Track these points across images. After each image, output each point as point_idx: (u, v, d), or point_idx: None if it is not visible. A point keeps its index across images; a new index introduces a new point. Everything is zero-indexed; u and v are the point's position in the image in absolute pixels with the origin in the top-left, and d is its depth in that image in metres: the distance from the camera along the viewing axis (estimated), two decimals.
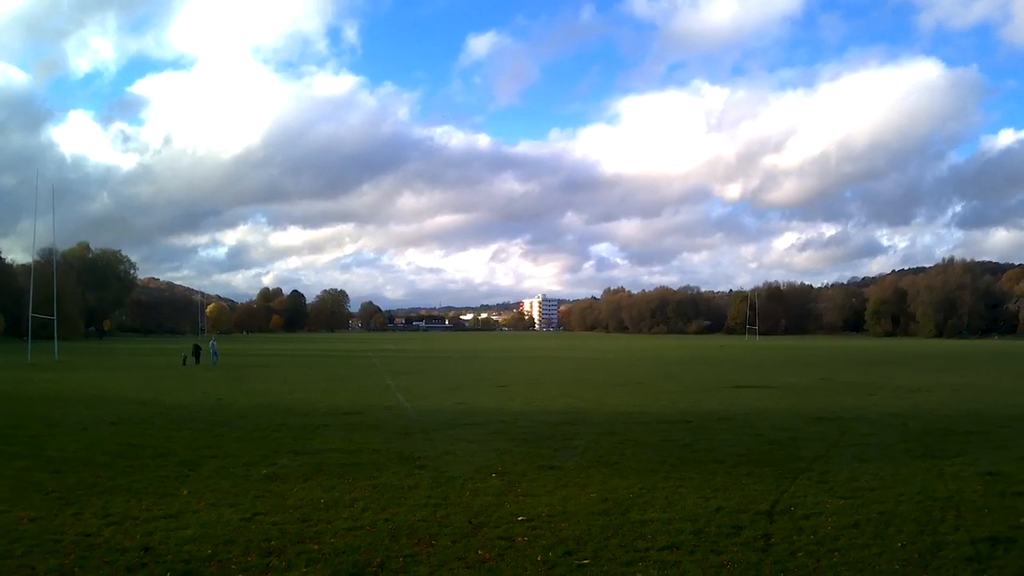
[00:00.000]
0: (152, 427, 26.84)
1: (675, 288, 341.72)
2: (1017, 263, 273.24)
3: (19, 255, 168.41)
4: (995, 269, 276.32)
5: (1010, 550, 12.77)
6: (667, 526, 13.59)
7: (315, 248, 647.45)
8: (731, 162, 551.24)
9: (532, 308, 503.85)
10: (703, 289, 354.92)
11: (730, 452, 21.70)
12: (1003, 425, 27.09)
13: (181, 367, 68.30)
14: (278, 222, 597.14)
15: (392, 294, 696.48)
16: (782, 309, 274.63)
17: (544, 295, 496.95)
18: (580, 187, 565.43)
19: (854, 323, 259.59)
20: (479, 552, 12.06)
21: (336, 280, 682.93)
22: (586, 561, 11.61)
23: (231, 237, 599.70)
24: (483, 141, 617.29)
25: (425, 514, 14.38)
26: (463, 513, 14.53)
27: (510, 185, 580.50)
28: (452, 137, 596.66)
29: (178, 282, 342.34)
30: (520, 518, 14.07)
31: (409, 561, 11.64)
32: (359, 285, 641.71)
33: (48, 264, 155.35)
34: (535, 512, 14.56)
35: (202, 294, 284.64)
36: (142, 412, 31.30)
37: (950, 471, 19.33)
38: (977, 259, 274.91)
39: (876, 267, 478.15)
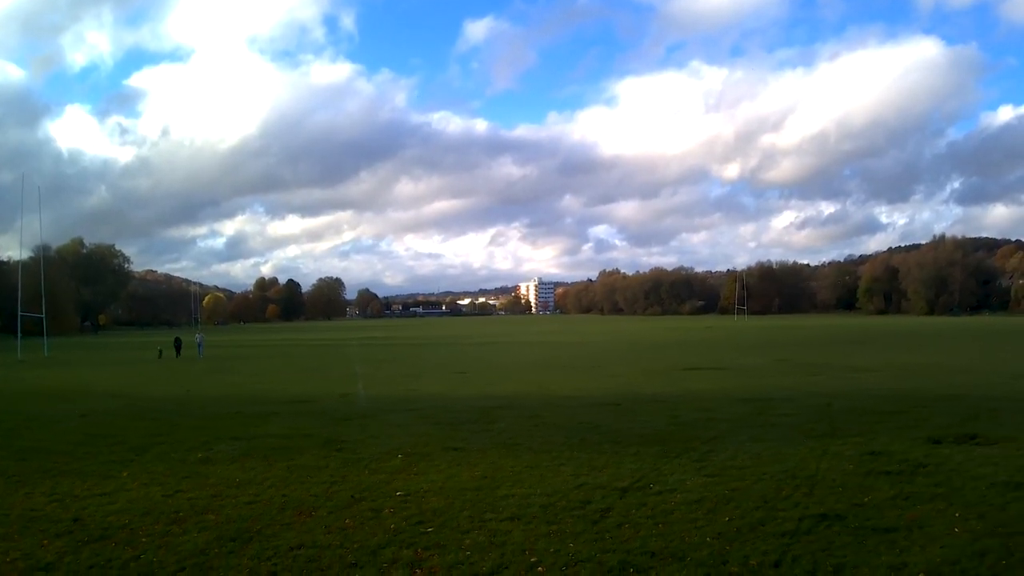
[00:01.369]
0: (116, 418, 27.99)
1: (670, 269, 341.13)
2: (1015, 239, 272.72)
3: (17, 252, 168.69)
4: (993, 245, 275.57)
5: (817, 527, 13.34)
6: (523, 500, 14.25)
7: (314, 236, 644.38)
8: (729, 142, 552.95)
9: (528, 292, 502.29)
10: (701, 269, 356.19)
11: (635, 433, 22.10)
12: (926, 405, 27.26)
13: (157, 360, 69.60)
14: (276, 211, 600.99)
15: (391, 280, 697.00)
16: (775, 288, 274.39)
17: (540, 278, 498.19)
18: (578, 170, 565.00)
19: (847, 301, 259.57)
20: (346, 522, 13.07)
21: (335, 267, 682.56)
22: (430, 530, 12.50)
23: (229, 227, 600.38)
24: (480, 126, 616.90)
25: (319, 490, 15.44)
26: (351, 489, 15.50)
27: (508, 169, 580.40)
28: (449, 122, 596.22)
29: (177, 273, 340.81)
30: (399, 493, 15.00)
31: (283, 528, 12.81)
32: (358, 272, 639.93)
33: (46, 262, 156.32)
34: (414, 488, 15.43)
35: (200, 285, 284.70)
36: (112, 405, 32.46)
37: (835, 450, 19.92)
38: (975, 236, 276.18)
39: (875, 244, 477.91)
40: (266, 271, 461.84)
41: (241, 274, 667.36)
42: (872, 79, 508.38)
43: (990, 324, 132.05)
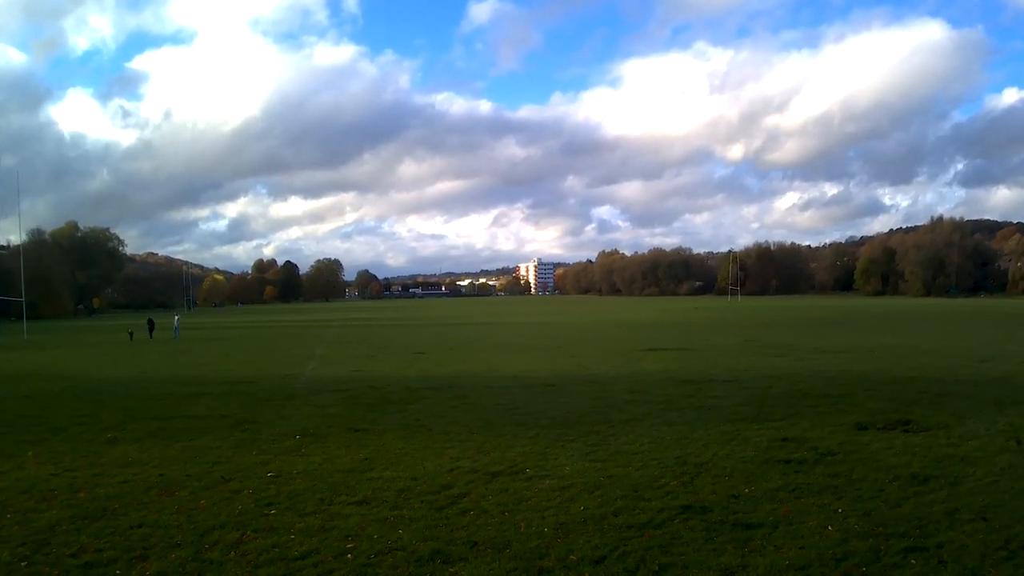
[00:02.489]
0: (54, 399, 28.12)
1: (670, 249, 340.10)
2: (1017, 221, 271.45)
3: (14, 236, 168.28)
4: (993, 227, 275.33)
5: (672, 521, 12.29)
6: (386, 484, 14.32)
7: (316, 218, 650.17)
8: (733, 123, 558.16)
9: (528, 272, 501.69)
10: (704, 251, 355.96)
11: (547, 416, 22.04)
12: (873, 388, 26.40)
13: (128, 342, 68.51)
14: (278, 193, 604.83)
15: (393, 261, 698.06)
16: (773, 269, 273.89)
17: (540, 259, 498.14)
18: (581, 150, 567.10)
19: (845, 282, 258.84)
20: (200, 503, 13.20)
21: (337, 249, 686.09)
22: (273, 512, 12.62)
23: (232, 209, 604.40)
24: (484, 107, 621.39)
25: (197, 470, 15.70)
26: (228, 470, 15.71)
27: (511, 150, 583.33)
28: (453, 104, 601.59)
29: (179, 256, 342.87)
30: (270, 474, 15.21)
31: (137, 508, 13.06)
32: (360, 253, 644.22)
33: (39, 246, 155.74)
34: (288, 470, 15.64)
35: (201, 267, 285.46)
36: (58, 387, 32.42)
37: (747, 435, 18.91)
38: (978, 218, 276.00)
39: (877, 226, 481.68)
40: (268, 253, 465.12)
41: (243, 256, 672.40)
42: (877, 61, 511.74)
43: (983, 306, 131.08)
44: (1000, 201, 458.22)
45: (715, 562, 10.38)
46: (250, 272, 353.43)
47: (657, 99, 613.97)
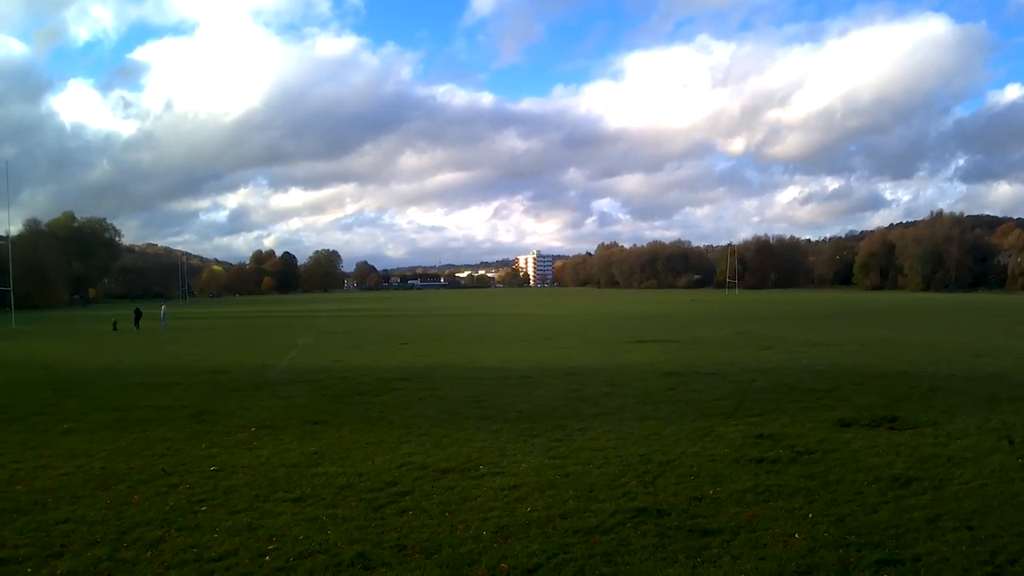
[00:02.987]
0: (26, 388, 27.62)
1: (669, 242, 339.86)
2: (1018, 217, 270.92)
3: (16, 227, 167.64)
4: (994, 223, 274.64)
5: (623, 526, 11.25)
6: (328, 480, 13.73)
7: (316, 209, 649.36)
8: (735, 116, 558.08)
9: (527, 264, 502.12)
10: (704, 244, 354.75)
11: (515, 409, 21.40)
12: (862, 382, 25.36)
13: (112, 332, 67.70)
14: (279, 184, 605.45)
15: (393, 253, 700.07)
16: (771, 263, 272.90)
17: (539, 251, 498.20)
18: (583, 143, 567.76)
19: (844, 276, 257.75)
20: (133, 498, 12.70)
21: (337, 240, 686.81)
22: (203, 509, 12.05)
23: (232, 200, 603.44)
24: (486, 99, 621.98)
25: (141, 463, 15.17)
26: (172, 463, 15.17)
27: (512, 142, 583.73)
28: (455, 95, 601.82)
29: (179, 247, 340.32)
30: (212, 468, 14.65)
31: (69, 502, 12.61)
32: (360, 245, 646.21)
33: (34, 236, 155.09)
34: (232, 464, 15.07)
35: (201, 258, 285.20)
36: (32, 376, 32.08)
37: (722, 431, 17.88)
38: (978, 213, 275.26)
39: (878, 220, 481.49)
40: (269, 244, 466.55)
41: (244, 247, 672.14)
42: (880, 56, 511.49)
43: (981, 301, 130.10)
44: (1001, 197, 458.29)
45: (662, 573, 9.40)
46: (248, 263, 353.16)
47: (659, 92, 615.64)
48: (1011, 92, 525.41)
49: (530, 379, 27.52)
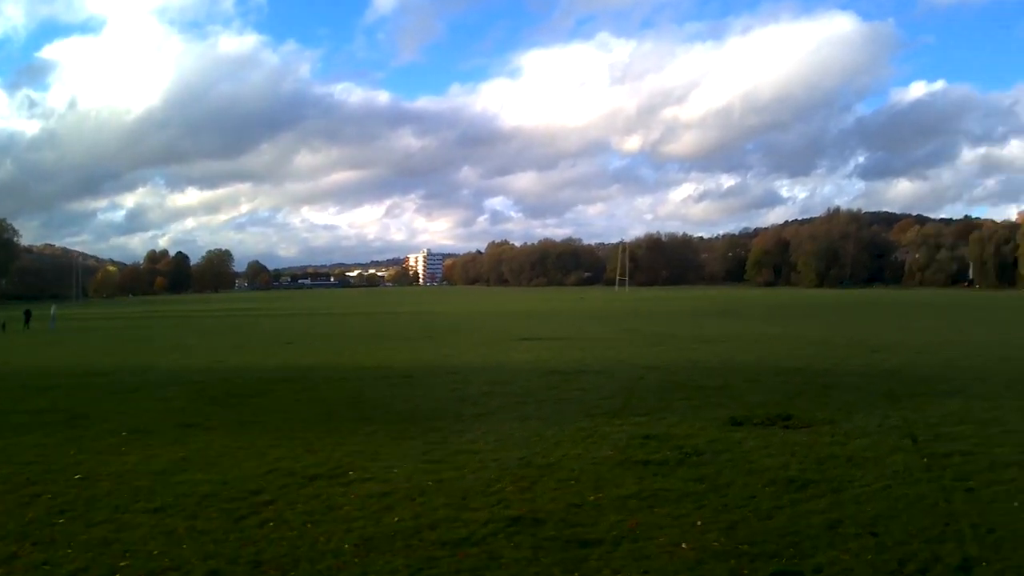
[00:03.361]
0: None
1: (560, 240, 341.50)
2: (917, 214, 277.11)
3: None
4: (892, 220, 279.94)
5: (495, 536, 10.50)
6: (192, 488, 13.02)
7: (211, 209, 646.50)
8: (632, 115, 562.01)
9: (417, 263, 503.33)
10: (596, 242, 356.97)
11: (393, 410, 20.86)
12: (755, 379, 25.16)
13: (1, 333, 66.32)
14: (176, 183, 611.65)
15: (285, 252, 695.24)
16: (663, 260, 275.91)
17: (429, 249, 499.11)
18: (477, 141, 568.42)
19: (737, 274, 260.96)
20: None
21: (231, 240, 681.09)
22: (62, 521, 11.37)
23: (130, 200, 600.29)
24: (382, 97, 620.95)
25: (8, 471, 14.40)
26: (35, 471, 14.41)
27: (407, 140, 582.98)
28: (352, 94, 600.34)
29: (77, 247, 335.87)
30: (77, 476, 13.92)
31: None
32: (253, 244, 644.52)
33: None
34: (101, 471, 14.31)
35: (96, 259, 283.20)
36: None
37: (606, 432, 17.23)
38: (876, 210, 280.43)
39: (773, 217, 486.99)
40: (164, 244, 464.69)
41: (140, 247, 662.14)
42: (782, 54, 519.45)
43: (877, 296, 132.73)
44: (900, 194, 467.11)
45: None
46: (142, 263, 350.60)
47: (556, 90, 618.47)
48: (915, 89, 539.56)
49: (411, 379, 26.95)
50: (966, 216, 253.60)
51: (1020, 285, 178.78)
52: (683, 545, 9.90)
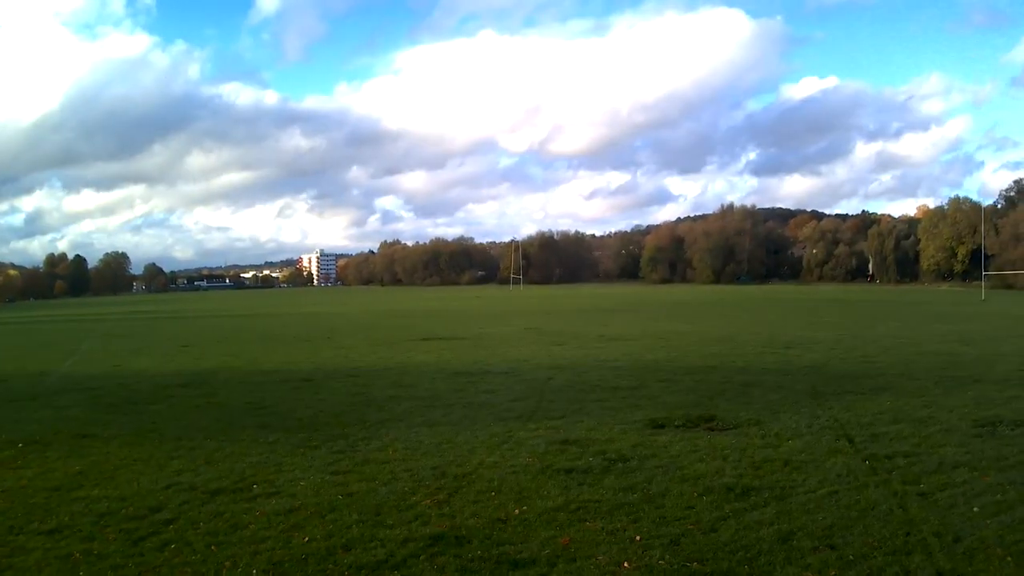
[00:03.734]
0: None
1: (451, 239, 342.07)
2: (811, 209, 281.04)
3: None
4: (787, 216, 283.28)
5: (416, 558, 9.81)
6: (90, 505, 12.30)
7: (107, 211, 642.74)
8: (518, 113, 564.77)
9: (311, 264, 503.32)
10: (487, 240, 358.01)
11: (295, 416, 19.93)
12: (668, 379, 24.67)
13: None
14: (72, 186, 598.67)
15: (181, 254, 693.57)
16: (556, 258, 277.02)
17: (322, 250, 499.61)
18: (365, 141, 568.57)
19: (631, 271, 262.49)
20: None
21: (127, 242, 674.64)
22: None
23: (28, 203, 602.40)
24: (270, 98, 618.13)
25: None
26: None
27: (297, 141, 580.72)
28: (240, 94, 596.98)
29: None
30: None
31: None
32: (150, 247, 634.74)
33: None
34: None
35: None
36: None
37: (522, 437, 16.53)
38: (770, 206, 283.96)
39: (665, 215, 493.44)
40: (62, 247, 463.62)
41: (39, 251, 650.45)
42: (669, 50, 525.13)
43: (776, 292, 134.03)
44: (794, 189, 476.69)
45: None
46: (42, 267, 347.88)
47: (441, 89, 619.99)
48: (806, 85, 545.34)
49: (311, 382, 26.28)
50: (863, 211, 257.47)
51: (922, 279, 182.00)
52: (625, 564, 9.23)
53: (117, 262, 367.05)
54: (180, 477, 13.80)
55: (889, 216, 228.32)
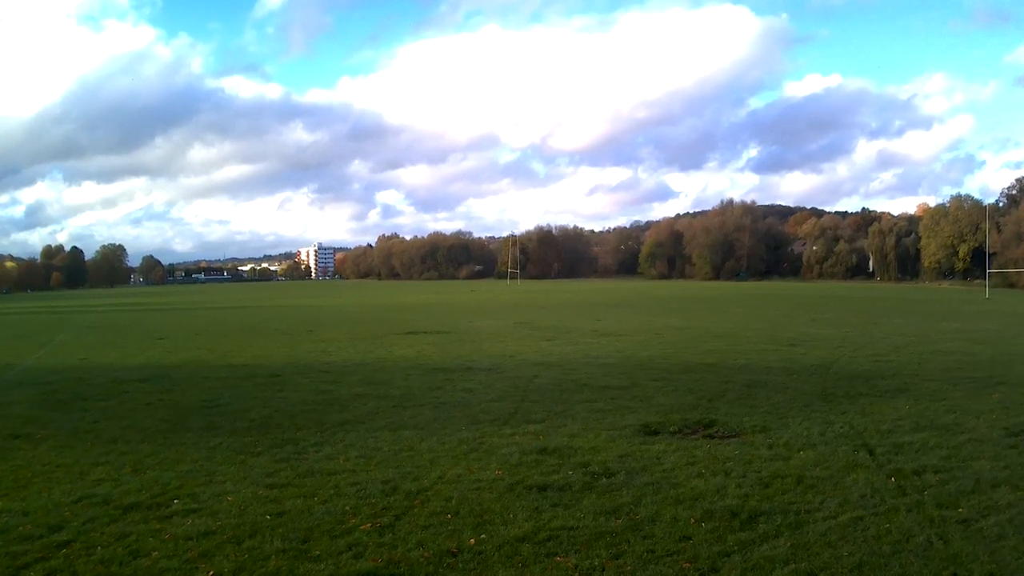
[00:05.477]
0: None
1: (450, 234, 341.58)
2: (811, 207, 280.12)
3: None
4: (787, 213, 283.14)
5: None
6: None
7: (108, 203, 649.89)
8: (522, 108, 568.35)
9: (308, 257, 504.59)
10: (487, 235, 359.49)
11: (248, 416, 18.26)
12: (663, 377, 22.90)
13: None
14: (73, 178, 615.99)
15: (181, 247, 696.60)
16: (554, 253, 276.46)
17: (320, 244, 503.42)
18: (367, 135, 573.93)
19: (630, 266, 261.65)
20: None
21: (127, 235, 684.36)
22: None
23: (29, 195, 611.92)
24: (273, 91, 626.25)
25: None
26: None
27: (299, 134, 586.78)
28: (243, 88, 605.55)
29: None
30: None
31: None
32: (149, 239, 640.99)
33: None
34: None
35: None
36: None
37: (496, 444, 14.68)
38: (770, 203, 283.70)
39: (665, 211, 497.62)
40: (62, 239, 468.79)
41: (39, 243, 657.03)
42: (673, 47, 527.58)
43: (776, 289, 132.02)
44: (795, 186, 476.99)
45: None
46: (39, 258, 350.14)
47: (445, 83, 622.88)
48: (810, 83, 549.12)
49: (279, 378, 24.73)
50: (863, 208, 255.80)
51: (922, 277, 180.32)
52: None
53: (114, 254, 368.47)
54: (97, 488, 12.23)
55: (889, 214, 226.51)
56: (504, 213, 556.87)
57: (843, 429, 15.37)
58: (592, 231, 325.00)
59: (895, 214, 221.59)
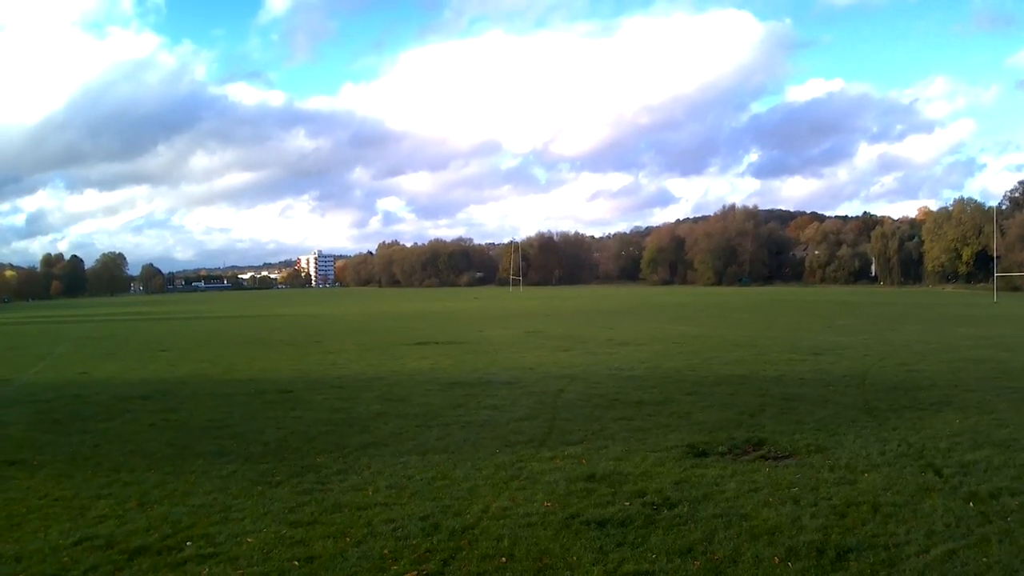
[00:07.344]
0: None
1: (451, 240, 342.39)
2: (812, 211, 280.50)
3: None
4: (788, 217, 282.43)
5: None
6: None
7: (110, 211, 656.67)
8: (523, 114, 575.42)
9: (309, 265, 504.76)
10: (488, 242, 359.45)
11: (260, 440, 16.95)
12: (695, 391, 21.82)
13: None
14: (75, 186, 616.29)
15: (181, 255, 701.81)
16: (556, 259, 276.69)
17: (321, 251, 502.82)
18: (369, 141, 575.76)
19: (631, 272, 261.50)
20: None
21: (128, 243, 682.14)
22: None
23: (30, 203, 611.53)
24: (276, 98, 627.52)
25: None
26: None
27: (300, 141, 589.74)
28: (245, 95, 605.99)
29: None
30: None
31: None
32: (150, 247, 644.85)
33: None
34: None
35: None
36: None
37: (537, 470, 13.54)
38: (772, 208, 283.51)
39: (666, 216, 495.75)
40: (63, 247, 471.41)
41: (40, 251, 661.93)
42: (676, 52, 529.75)
43: (781, 294, 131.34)
44: (796, 191, 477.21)
45: None
46: (39, 267, 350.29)
47: (447, 89, 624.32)
48: (812, 87, 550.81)
49: (290, 394, 23.46)
50: (864, 212, 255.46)
51: (925, 281, 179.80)
52: None
53: (114, 262, 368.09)
54: (100, 527, 10.95)
55: (890, 218, 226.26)
56: (505, 219, 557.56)
57: (901, 447, 14.40)
58: (593, 237, 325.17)
59: (895, 218, 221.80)
